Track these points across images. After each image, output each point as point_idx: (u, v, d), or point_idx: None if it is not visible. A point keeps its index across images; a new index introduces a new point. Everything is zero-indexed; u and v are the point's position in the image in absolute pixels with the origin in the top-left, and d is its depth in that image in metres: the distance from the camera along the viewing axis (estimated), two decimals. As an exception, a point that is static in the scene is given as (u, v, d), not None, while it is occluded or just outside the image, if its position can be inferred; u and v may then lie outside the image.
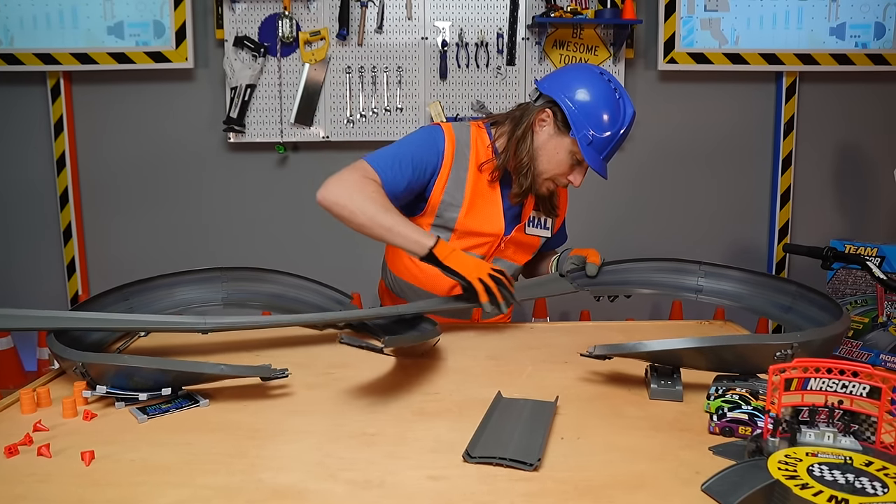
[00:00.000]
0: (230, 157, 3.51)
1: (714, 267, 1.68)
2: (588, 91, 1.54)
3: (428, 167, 1.60)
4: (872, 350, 2.42)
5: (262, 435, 1.00)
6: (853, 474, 0.79)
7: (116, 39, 3.32)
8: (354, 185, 1.48)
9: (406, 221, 1.47)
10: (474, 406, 1.09)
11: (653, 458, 0.92)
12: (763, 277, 1.60)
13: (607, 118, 1.54)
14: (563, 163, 1.59)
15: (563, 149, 1.58)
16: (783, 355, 1.10)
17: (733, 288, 1.64)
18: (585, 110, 1.53)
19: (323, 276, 1.71)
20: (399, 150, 1.58)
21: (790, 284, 1.55)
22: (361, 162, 1.55)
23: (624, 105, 1.56)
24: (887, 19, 3.46)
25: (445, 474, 0.87)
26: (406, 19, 3.38)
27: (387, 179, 1.53)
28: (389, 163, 1.55)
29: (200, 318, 1.32)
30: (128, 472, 0.88)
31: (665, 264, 1.73)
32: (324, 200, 1.48)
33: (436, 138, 1.62)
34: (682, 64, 3.48)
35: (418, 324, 1.48)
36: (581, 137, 1.53)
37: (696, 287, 1.67)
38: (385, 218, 1.45)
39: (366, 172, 1.52)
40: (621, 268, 1.75)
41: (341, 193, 1.46)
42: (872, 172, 3.68)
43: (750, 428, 0.97)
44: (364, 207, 1.44)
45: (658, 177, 3.63)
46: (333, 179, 1.50)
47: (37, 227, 3.54)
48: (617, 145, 1.58)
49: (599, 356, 1.19)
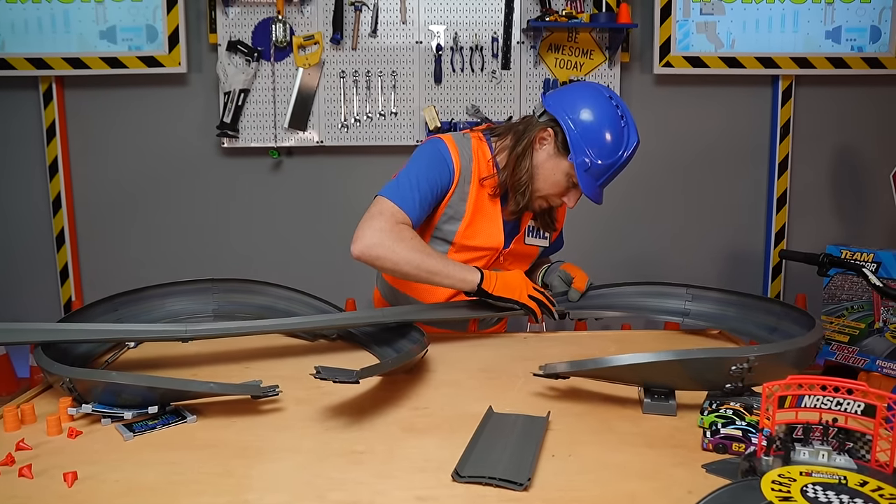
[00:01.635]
0: (224, 162, 3.50)
1: (700, 290, 1.65)
2: (592, 114, 1.51)
3: (445, 188, 1.59)
4: (869, 356, 2.41)
5: (249, 453, 0.98)
6: (848, 495, 0.77)
7: (109, 44, 3.30)
8: (390, 234, 1.47)
9: (447, 261, 1.51)
10: (465, 421, 1.07)
11: (645, 477, 0.90)
12: (749, 298, 1.57)
13: (609, 146, 1.50)
14: (559, 184, 1.57)
15: (561, 171, 1.56)
16: (739, 370, 1.06)
17: (720, 310, 1.62)
18: (587, 135, 1.50)
19: (316, 281, 1.71)
20: (415, 178, 1.55)
21: (775, 304, 1.52)
22: (384, 202, 1.51)
23: (628, 133, 1.52)
24: (883, 23, 3.46)
25: (434, 495, 0.86)
26: (400, 23, 3.37)
27: (413, 215, 1.52)
28: (410, 196, 1.52)
29: (181, 326, 1.30)
30: (111, 494, 0.87)
31: (651, 288, 1.71)
32: (363, 255, 1.47)
33: (443, 156, 1.59)
34: (678, 68, 3.48)
35: (408, 332, 1.46)
36: (579, 163, 1.51)
37: (684, 311, 1.65)
38: (429, 264, 1.47)
39: (394, 215, 1.49)
40: (607, 292, 1.72)
41: (380, 246, 1.46)
42: (869, 176, 3.68)
43: (744, 445, 0.96)
44: (408, 258, 1.46)
45: (653, 181, 3.62)
46: (367, 230, 1.47)
47: (29, 233, 3.52)
48: (616, 173, 1.55)
49: (551, 375, 1.17)
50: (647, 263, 3.69)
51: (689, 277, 3.58)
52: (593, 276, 1.73)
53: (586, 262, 1.81)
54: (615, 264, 3.62)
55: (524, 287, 1.53)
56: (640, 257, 3.70)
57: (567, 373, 1.16)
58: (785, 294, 3.71)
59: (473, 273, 1.50)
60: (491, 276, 1.51)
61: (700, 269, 3.69)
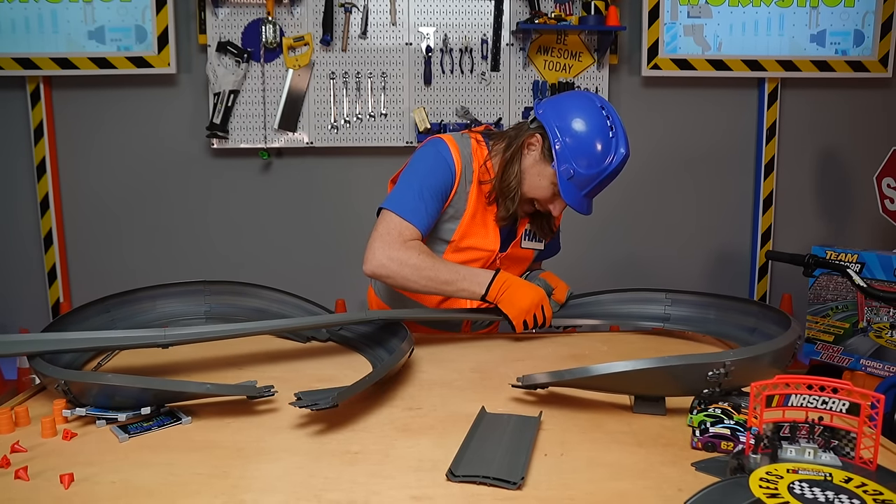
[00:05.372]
0: (213, 163, 3.49)
1: (679, 294, 1.67)
2: (579, 123, 1.50)
3: (448, 190, 1.60)
4: (853, 355, 2.45)
5: (244, 454, 0.99)
6: (833, 491, 0.79)
7: (97, 44, 3.29)
8: (399, 252, 1.51)
9: (456, 270, 1.53)
10: (458, 421, 1.08)
11: (636, 475, 0.92)
12: (727, 300, 1.58)
13: (593, 156, 1.50)
14: (544, 190, 1.58)
15: (545, 178, 1.56)
16: (716, 375, 1.06)
17: (699, 314, 1.63)
18: (571, 144, 1.50)
19: (307, 282, 1.72)
20: (418, 185, 1.56)
21: (753, 305, 1.53)
22: (391, 218, 1.54)
23: (616, 144, 1.50)
24: (866, 27, 3.51)
25: (429, 494, 0.87)
26: (390, 25, 3.38)
27: (421, 225, 1.54)
28: (415, 206, 1.54)
29: (160, 332, 1.29)
30: (108, 496, 0.87)
31: (630, 294, 1.72)
32: (375, 273, 1.52)
33: (446, 159, 1.59)
34: (666, 70, 3.51)
35: (399, 331, 1.47)
36: (562, 171, 1.51)
37: (664, 316, 1.67)
38: (439, 275, 1.51)
39: (402, 233, 1.52)
40: (587, 301, 1.73)
41: (390, 265, 1.50)
42: (853, 178, 3.73)
43: (732, 443, 0.98)
44: (419, 274, 1.50)
45: (640, 182, 3.65)
46: (376, 250, 1.51)
47: (16, 234, 3.50)
48: (603, 184, 1.55)
49: (530, 387, 1.18)
50: (633, 264, 3.73)
51: (676, 278, 3.65)
52: (580, 278, 1.74)
53: (573, 263, 1.82)
54: (602, 265, 3.65)
55: (529, 311, 1.53)
56: (627, 258, 3.73)
57: (546, 384, 1.17)
58: (771, 294, 3.75)
59: (480, 285, 1.53)
60: (496, 285, 1.52)
61: (687, 270, 3.73)
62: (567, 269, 1.91)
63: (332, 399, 1.03)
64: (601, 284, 1.92)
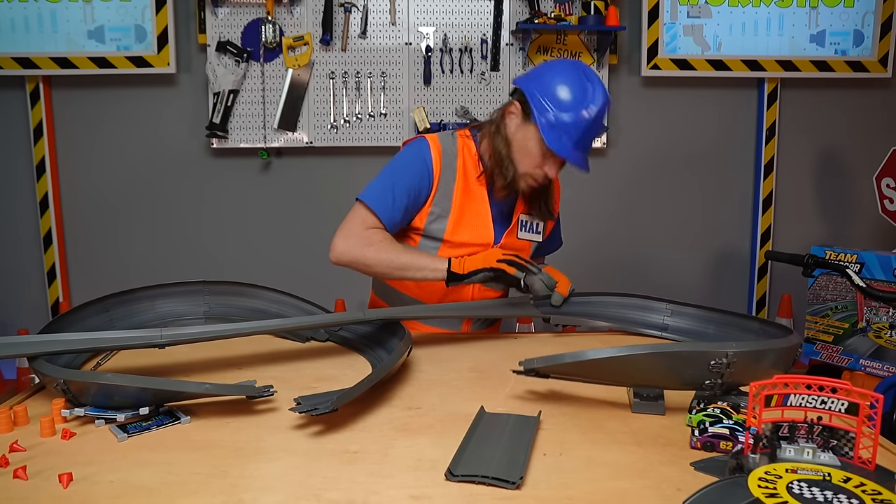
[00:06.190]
0: (213, 163, 3.49)
1: (680, 305, 1.66)
2: (554, 74, 1.53)
3: (423, 190, 1.63)
4: (852, 355, 2.45)
5: (244, 454, 0.99)
6: (832, 491, 0.79)
7: (97, 44, 3.29)
8: (360, 239, 1.58)
9: (417, 255, 1.59)
10: (457, 421, 1.08)
11: (635, 475, 0.92)
12: (728, 316, 1.56)
13: (570, 98, 1.50)
14: (533, 153, 1.57)
15: (531, 138, 1.56)
16: (718, 364, 1.07)
17: (699, 327, 1.62)
18: (546, 91, 1.52)
19: (307, 282, 1.72)
20: (392, 180, 1.62)
21: (753, 321, 1.52)
22: (358, 209, 1.62)
23: (594, 89, 1.51)
24: (866, 27, 3.51)
25: (428, 493, 0.87)
26: (390, 25, 3.38)
27: (385, 216, 1.60)
28: (384, 198, 1.60)
29: (156, 332, 1.29)
30: (107, 495, 0.87)
31: (633, 300, 1.71)
32: (339, 261, 1.59)
33: (423, 156, 1.63)
34: (665, 70, 3.51)
35: (398, 331, 1.47)
36: (543, 122, 1.51)
37: (662, 325, 1.66)
38: (399, 261, 1.56)
39: (364, 221, 1.60)
40: (590, 300, 1.73)
41: (352, 251, 1.58)
42: (853, 178, 3.73)
43: (731, 443, 0.98)
44: (378, 258, 1.56)
45: (640, 182, 3.65)
46: (338, 238, 1.59)
47: (16, 234, 3.49)
48: (589, 132, 1.53)
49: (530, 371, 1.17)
50: (632, 264, 3.72)
51: (675, 278, 3.65)
52: (581, 277, 1.74)
53: (573, 262, 1.82)
54: (601, 264, 3.65)
55: (490, 255, 1.55)
56: (627, 258, 3.73)
57: (546, 367, 1.16)
58: (770, 294, 3.75)
59: (441, 262, 1.56)
60: (457, 261, 1.56)
61: (686, 270, 3.72)
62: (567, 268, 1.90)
63: (331, 403, 1.03)
64: (600, 284, 1.92)
